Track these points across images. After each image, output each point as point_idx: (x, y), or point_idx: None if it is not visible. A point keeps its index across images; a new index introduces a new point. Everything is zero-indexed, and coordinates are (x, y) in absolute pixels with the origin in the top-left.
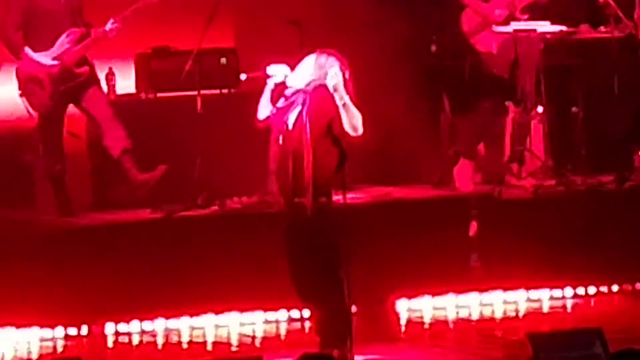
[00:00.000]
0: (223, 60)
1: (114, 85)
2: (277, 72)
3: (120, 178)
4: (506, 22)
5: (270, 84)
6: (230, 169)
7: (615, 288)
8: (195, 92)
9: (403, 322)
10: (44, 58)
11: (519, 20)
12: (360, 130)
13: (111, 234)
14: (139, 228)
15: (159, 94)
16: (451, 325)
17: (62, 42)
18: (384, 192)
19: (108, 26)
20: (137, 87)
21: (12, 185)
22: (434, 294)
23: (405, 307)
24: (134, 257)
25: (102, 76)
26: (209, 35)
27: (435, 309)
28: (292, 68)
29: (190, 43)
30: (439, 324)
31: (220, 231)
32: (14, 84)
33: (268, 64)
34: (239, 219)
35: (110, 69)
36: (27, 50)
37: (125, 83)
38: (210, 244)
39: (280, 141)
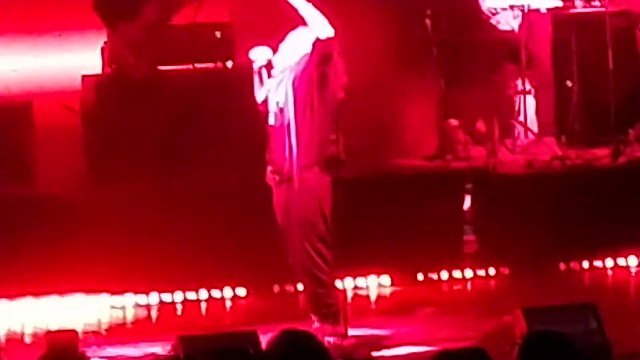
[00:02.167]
0: (218, 34)
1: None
2: (258, 55)
3: (112, 151)
4: None
5: (255, 68)
6: (226, 143)
7: (609, 263)
8: (191, 66)
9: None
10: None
11: None
12: (330, 30)
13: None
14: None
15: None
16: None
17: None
18: (379, 165)
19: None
20: None
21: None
22: (426, 271)
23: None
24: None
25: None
26: (204, 9)
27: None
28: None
29: (185, 17)
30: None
31: None
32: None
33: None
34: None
35: (105, 42)
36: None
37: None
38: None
39: (272, 120)
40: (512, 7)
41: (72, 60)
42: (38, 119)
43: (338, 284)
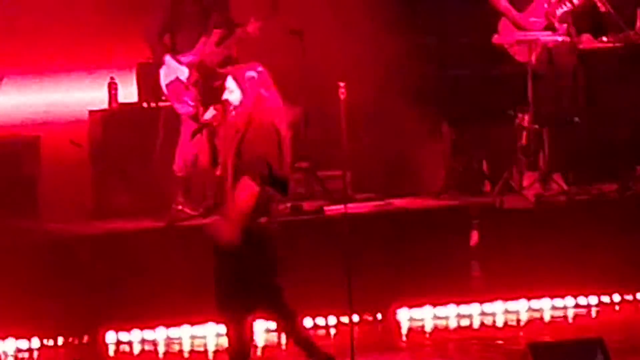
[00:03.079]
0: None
1: (115, 94)
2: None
3: (120, 186)
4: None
5: None
6: None
7: (617, 298)
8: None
9: (404, 331)
10: (186, 59)
11: (557, 30)
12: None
13: (112, 243)
14: (140, 236)
15: (161, 103)
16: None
17: (204, 43)
18: (386, 201)
19: (250, 25)
20: (139, 95)
21: (14, 192)
22: (435, 304)
23: (406, 317)
24: (135, 265)
25: (104, 85)
26: None
27: (437, 318)
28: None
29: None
30: (440, 333)
31: None
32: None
33: None
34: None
35: (112, 77)
36: (168, 56)
37: (128, 92)
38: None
39: None
40: (519, 42)
41: (79, 95)
42: (45, 153)
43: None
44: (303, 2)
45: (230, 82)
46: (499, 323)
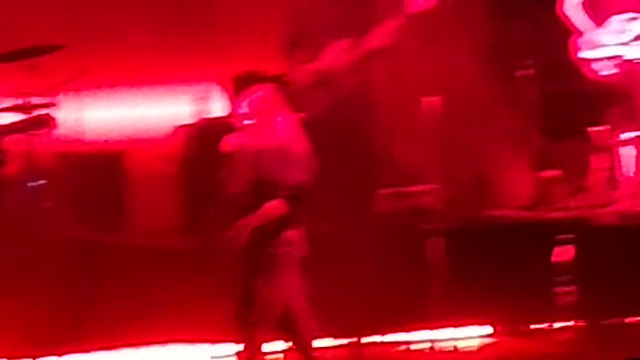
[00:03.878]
0: None
1: (202, 109)
2: None
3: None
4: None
5: None
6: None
7: None
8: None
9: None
10: (313, 66)
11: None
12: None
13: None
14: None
15: None
16: None
17: (331, 51)
18: (477, 215)
19: (374, 38)
20: (232, 110)
21: (101, 207)
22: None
23: None
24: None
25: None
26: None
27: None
28: None
29: (278, 68)
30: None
31: None
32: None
33: None
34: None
35: (200, 92)
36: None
37: (214, 106)
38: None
39: None
40: (608, 58)
41: (166, 110)
42: (131, 168)
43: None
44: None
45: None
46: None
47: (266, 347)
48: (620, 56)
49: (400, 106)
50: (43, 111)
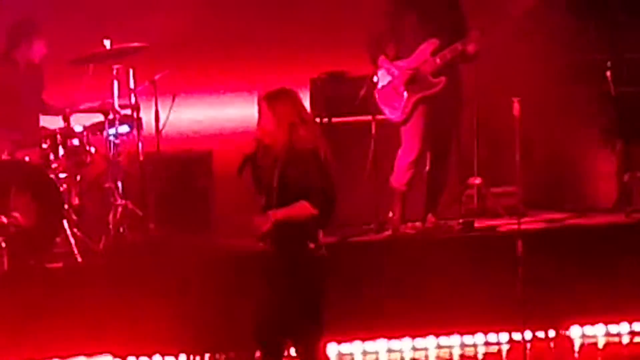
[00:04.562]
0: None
1: None
2: None
3: None
4: None
5: None
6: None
7: None
8: (369, 117)
9: (577, 348)
10: (400, 65)
11: None
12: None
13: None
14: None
15: (333, 119)
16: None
17: (421, 51)
18: (559, 217)
19: (467, 42)
20: (311, 111)
21: (188, 207)
22: (607, 322)
23: (579, 334)
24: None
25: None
26: None
27: (609, 335)
28: None
29: (365, 68)
30: (612, 350)
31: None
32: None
33: None
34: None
35: None
36: (382, 59)
37: None
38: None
39: None
40: None
41: (251, 111)
42: (217, 168)
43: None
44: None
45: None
46: None
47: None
48: None
49: (487, 107)
50: (128, 112)
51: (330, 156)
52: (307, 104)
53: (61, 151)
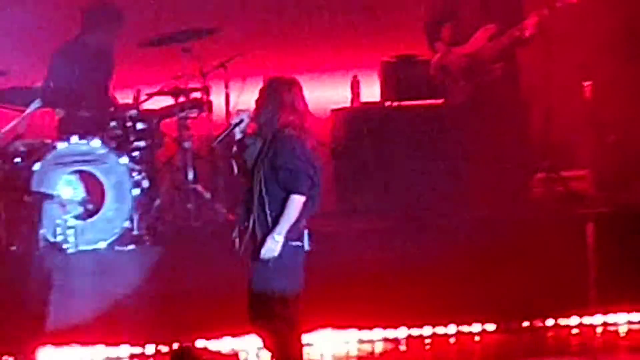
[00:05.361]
0: None
1: (358, 93)
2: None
3: (363, 185)
4: None
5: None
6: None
7: None
8: (440, 101)
9: None
10: (457, 51)
11: None
12: None
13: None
14: (383, 235)
15: (403, 102)
16: None
17: (478, 37)
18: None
19: (524, 27)
20: (382, 95)
21: None
22: None
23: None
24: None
25: (347, 84)
26: None
27: None
28: None
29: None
30: None
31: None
32: None
33: None
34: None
35: (355, 76)
36: (438, 44)
37: (370, 91)
38: None
39: None
40: None
41: (322, 94)
42: None
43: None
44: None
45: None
46: None
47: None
48: None
49: (553, 92)
50: (198, 95)
51: (318, 147)
52: (377, 87)
53: (132, 134)
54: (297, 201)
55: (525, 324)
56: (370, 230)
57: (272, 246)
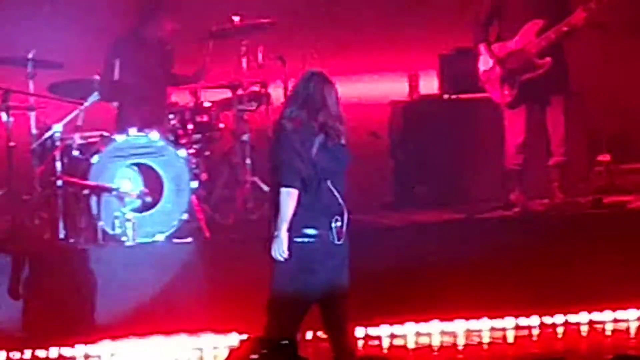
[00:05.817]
0: None
1: (417, 86)
2: None
3: (422, 177)
4: None
5: None
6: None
7: None
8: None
9: None
10: (505, 47)
11: None
12: None
13: (411, 234)
14: (441, 228)
15: (461, 95)
16: None
17: (526, 32)
18: None
19: (575, 17)
20: (440, 87)
21: None
22: None
23: None
24: (433, 258)
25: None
26: None
27: None
28: None
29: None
30: None
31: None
32: None
33: None
34: (540, 221)
35: (413, 69)
36: (484, 46)
37: (429, 83)
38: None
39: None
40: None
41: (380, 87)
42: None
43: None
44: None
45: None
46: None
47: None
48: None
49: (616, 83)
50: (256, 88)
51: (336, 145)
52: (435, 80)
53: (190, 127)
54: (284, 194)
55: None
56: (430, 223)
57: (275, 245)
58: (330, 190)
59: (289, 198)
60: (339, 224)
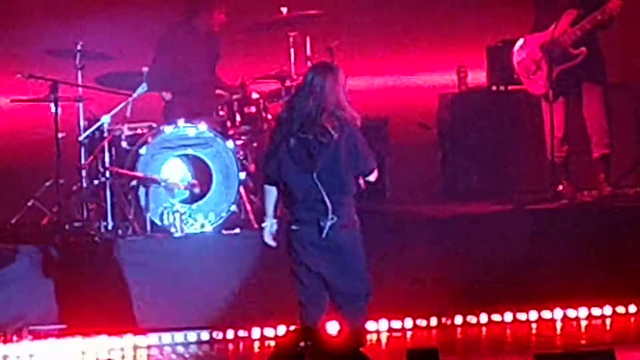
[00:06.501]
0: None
1: (465, 78)
2: None
3: (469, 168)
4: None
5: None
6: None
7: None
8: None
9: None
10: (540, 37)
11: None
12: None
13: (459, 226)
14: (489, 219)
15: (509, 87)
16: None
17: (560, 23)
18: None
19: (609, 5)
20: (488, 79)
21: None
22: None
23: None
24: (481, 249)
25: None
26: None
27: None
28: None
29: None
30: None
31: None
32: None
33: None
34: (589, 212)
35: (461, 61)
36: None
37: (477, 75)
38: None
39: None
40: None
41: (429, 78)
42: (394, 135)
43: None
44: None
45: None
46: None
47: None
48: None
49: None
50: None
51: (325, 138)
52: (483, 72)
53: (238, 118)
54: (264, 187)
55: None
56: (477, 215)
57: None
58: (315, 186)
59: (265, 191)
60: (327, 221)
